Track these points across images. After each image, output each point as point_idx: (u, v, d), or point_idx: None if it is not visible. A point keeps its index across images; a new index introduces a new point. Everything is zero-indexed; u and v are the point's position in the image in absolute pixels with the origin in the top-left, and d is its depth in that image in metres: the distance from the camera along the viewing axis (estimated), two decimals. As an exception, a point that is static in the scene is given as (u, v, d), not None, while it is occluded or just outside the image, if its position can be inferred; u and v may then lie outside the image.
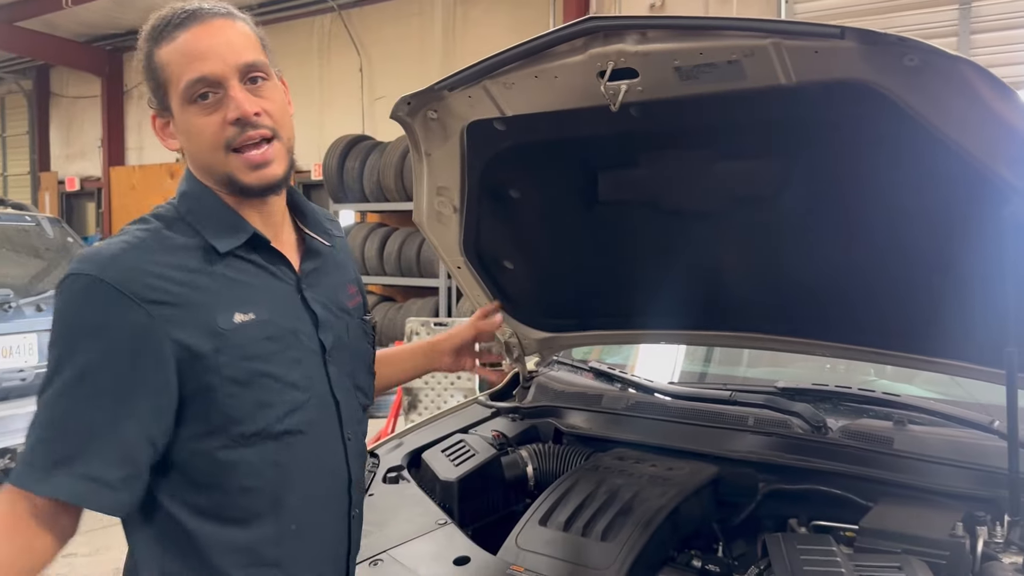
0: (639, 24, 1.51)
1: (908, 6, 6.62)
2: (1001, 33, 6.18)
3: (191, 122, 1.27)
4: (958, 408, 2.01)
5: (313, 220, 1.47)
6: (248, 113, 1.25)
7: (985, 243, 1.55)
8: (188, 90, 1.25)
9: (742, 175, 1.77)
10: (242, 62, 1.27)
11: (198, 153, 1.30)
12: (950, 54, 1.29)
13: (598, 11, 8.34)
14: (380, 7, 10.09)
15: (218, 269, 1.28)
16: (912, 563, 1.53)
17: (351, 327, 1.47)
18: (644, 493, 1.88)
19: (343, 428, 1.40)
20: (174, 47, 1.26)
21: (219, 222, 1.31)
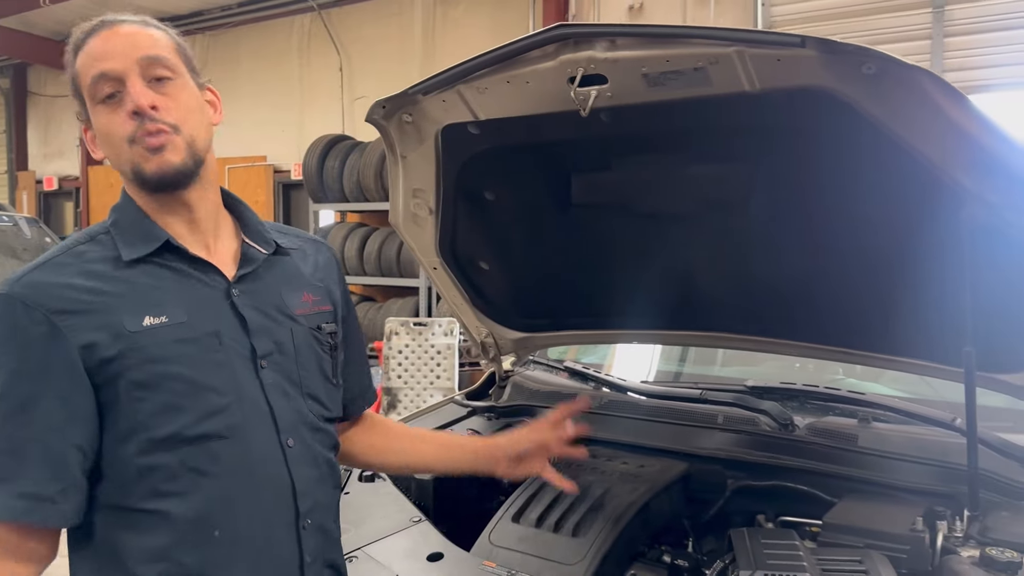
0: (608, 32, 1.55)
1: (882, 9, 6.69)
2: (974, 36, 6.27)
3: (100, 122, 1.30)
4: (921, 406, 2.06)
5: (253, 228, 1.45)
6: (143, 106, 1.25)
7: (943, 245, 1.60)
8: (92, 89, 1.28)
9: (712, 179, 1.81)
10: (142, 56, 1.28)
11: (111, 153, 1.32)
12: (907, 63, 1.33)
13: (577, 14, 8.38)
14: (360, 7, 10.08)
15: (130, 275, 1.29)
16: (873, 557, 1.58)
17: (296, 333, 1.42)
18: (615, 490, 1.92)
19: (280, 435, 1.35)
20: (85, 52, 1.30)
21: (135, 231, 1.33)
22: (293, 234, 1.57)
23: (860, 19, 6.76)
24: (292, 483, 1.36)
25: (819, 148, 1.63)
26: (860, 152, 1.57)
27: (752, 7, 7.25)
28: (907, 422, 2.04)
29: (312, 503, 1.39)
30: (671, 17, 7.66)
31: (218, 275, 1.36)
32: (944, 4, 6.44)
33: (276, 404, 1.35)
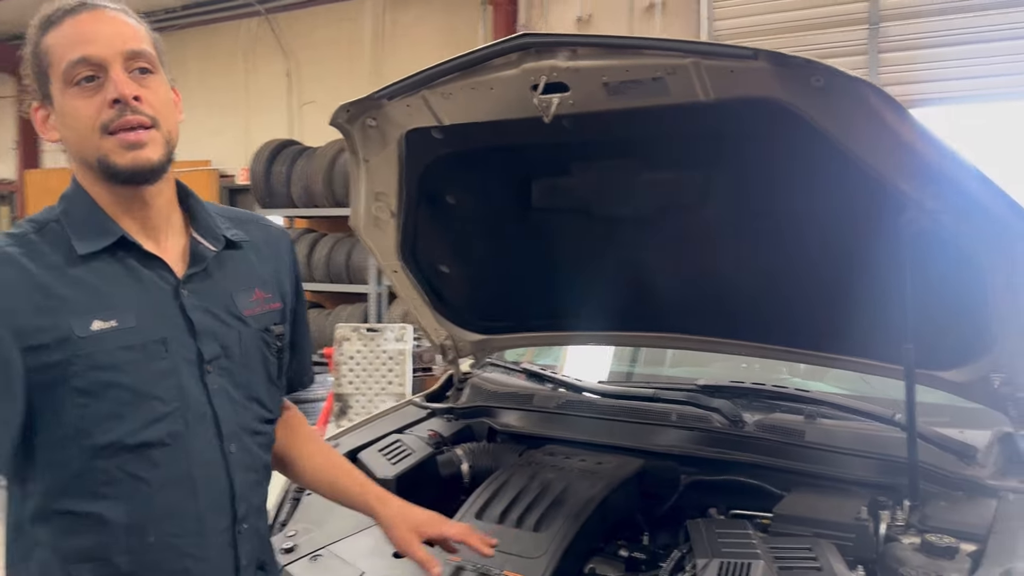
0: (569, 42, 1.61)
1: (821, 25, 6.91)
2: (908, 52, 6.51)
3: (69, 105, 1.25)
4: (863, 403, 2.16)
5: (203, 223, 1.41)
6: (127, 95, 1.23)
7: (885, 248, 1.70)
8: (69, 71, 1.23)
9: (669, 184, 1.88)
10: (127, 48, 1.25)
11: (75, 139, 1.27)
12: (852, 76, 1.42)
13: (526, 23, 8.48)
14: (308, 12, 10.03)
15: (81, 273, 1.25)
16: (822, 545, 1.66)
17: (244, 336, 1.39)
18: (574, 486, 1.98)
19: (223, 441, 1.34)
20: (60, 31, 1.25)
21: (88, 224, 1.29)
22: (246, 220, 1.52)
23: (799, 34, 6.97)
24: (232, 488, 1.35)
25: (769, 155, 1.71)
26: (808, 160, 1.66)
27: (696, 21, 7.42)
28: (850, 418, 2.13)
29: (247, 507, 1.39)
30: (618, 29, 7.80)
31: (169, 273, 1.33)
32: (880, 21, 6.68)
33: (220, 410, 1.34)
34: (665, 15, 7.63)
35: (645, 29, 7.69)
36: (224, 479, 1.35)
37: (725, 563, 1.57)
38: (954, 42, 6.38)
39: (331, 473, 1.66)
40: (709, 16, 7.35)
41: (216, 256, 1.39)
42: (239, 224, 1.49)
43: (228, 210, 1.52)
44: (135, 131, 1.24)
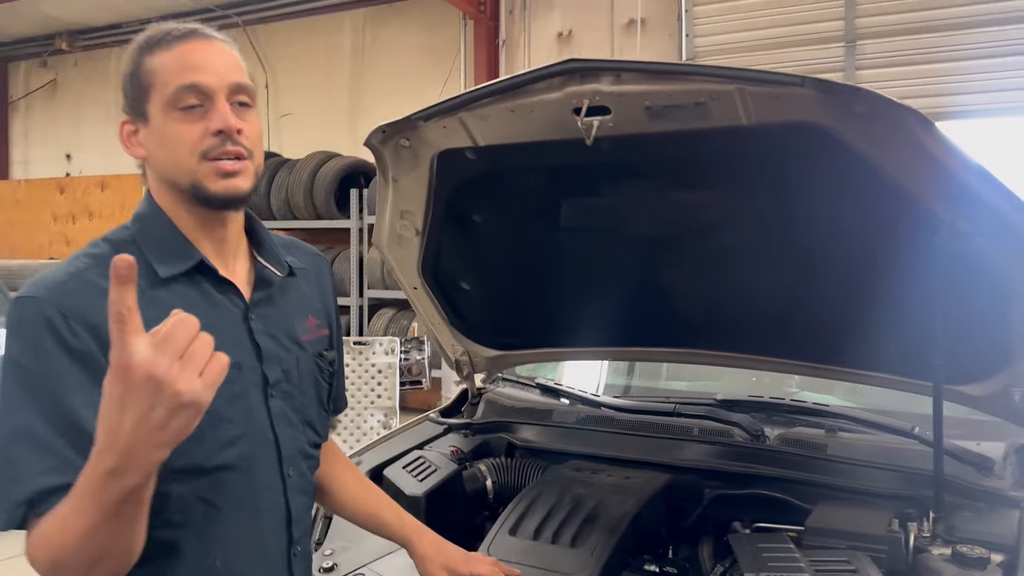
0: (615, 67, 1.64)
1: (799, 43, 7.05)
2: (884, 70, 6.68)
3: (171, 128, 1.27)
4: (882, 416, 2.21)
5: (269, 249, 1.44)
6: (232, 127, 1.26)
7: (917, 268, 1.75)
8: (176, 96, 1.25)
9: (698, 204, 1.92)
10: (234, 81, 1.29)
11: (169, 160, 1.29)
12: (897, 103, 1.46)
13: (507, 38, 8.54)
14: (287, 24, 10.01)
15: (160, 296, 1.26)
16: (860, 557, 1.70)
17: (301, 361, 1.43)
18: (607, 501, 2.00)
19: (283, 465, 1.37)
20: (170, 55, 1.27)
21: (167, 246, 1.31)
22: (298, 250, 1.56)
23: (777, 51, 7.11)
24: (288, 512, 1.39)
25: (804, 177, 1.76)
26: (843, 181, 1.71)
27: (677, 38, 7.53)
28: (870, 431, 2.19)
29: (302, 530, 1.43)
30: (599, 45, 7.89)
31: (239, 297, 1.36)
32: (856, 39, 6.84)
33: (281, 434, 1.37)
34: (646, 32, 7.73)
35: (626, 45, 7.79)
36: (283, 503, 1.38)
37: (771, 576, 1.60)
38: (929, 60, 6.56)
39: (369, 503, 1.71)
40: (689, 33, 7.46)
41: (280, 282, 1.43)
42: (290, 251, 1.52)
43: (280, 237, 1.55)
44: (232, 161, 1.28)
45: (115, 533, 1.03)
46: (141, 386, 0.92)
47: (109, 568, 1.08)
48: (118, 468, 0.96)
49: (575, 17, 8.14)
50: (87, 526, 1.01)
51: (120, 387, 0.92)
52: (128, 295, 0.92)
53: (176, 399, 0.92)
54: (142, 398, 0.92)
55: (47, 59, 12.23)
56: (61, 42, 11.67)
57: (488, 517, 2.29)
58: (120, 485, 0.97)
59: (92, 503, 0.99)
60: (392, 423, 5.84)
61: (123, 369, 0.92)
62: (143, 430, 0.93)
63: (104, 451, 0.96)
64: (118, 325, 0.91)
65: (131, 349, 0.91)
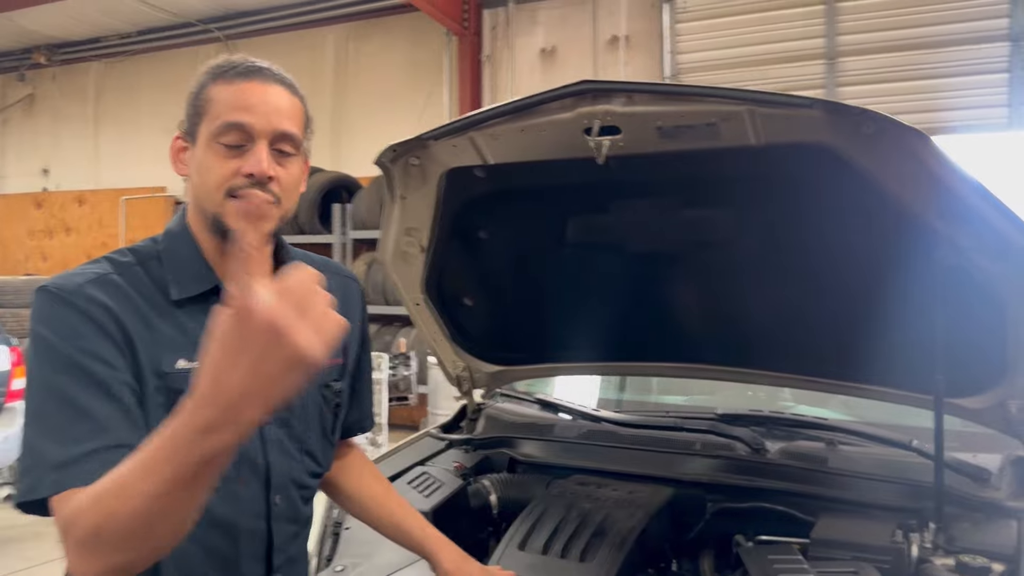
0: (627, 88, 1.67)
1: (780, 60, 7.18)
2: (864, 87, 6.81)
3: (209, 158, 1.30)
4: (880, 429, 2.25)
5: None
6: (264, 173, 1.28)
7: (917, 284, 1.79)
8: (221, 130, 1.28)
9: (705, 222, 1.96)
10: (280, 129, 1.30)
11: (200, 188, 1.32)
12: (903, 124, 1.51)
13: (490, 53, 8.61)
14: (270, 39, 10.02)
15: (176, 313, 1.30)
16: (865, 567, 1.73)
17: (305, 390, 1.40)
18: (614, 515, 2.02)
19: (270, 492, 1.36)
20: (230, 89, 1.29)
21: (187, 268, 1.33)
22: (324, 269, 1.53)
23: (759, 68, 7.24)
24: (270, 539, 1.38)
25: (811, 195, 1.80)
26: (847, 199, 1.75)
27: (659, 55, 7.63)
28: (868, 444, 2.22)
29: (285, 558, 1.41)
30: (582, 61, 7.98)
31: None
32: (836, 56, 6.97)
33: (273, 461, 1.36)
34: (629, 48, 7.82)
35: (609, 61, 7.87)
36: (264, 529, 1.37)
37: (783, 587, 1.63)
38: (908, 77, 6.69)
39: (396, 512, 1.72)
40: (672, 50, 7.56)
41: None
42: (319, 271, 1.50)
43: (309, 256, 1.54)
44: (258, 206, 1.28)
45: (182, 500, 0.94)
46: (260, 334, 0.84)
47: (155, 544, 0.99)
48: (214, 423, 0.88)
49: (558, 34, 8.23)
50: (156, 488, 0.92)
51: (236, 333, 0.85)
52: (256, 233, 0.89)
53: (295, 352, 0.85)
54: (258, 347, 0.84)
55: (25, 73, 12.15)
56: (39, 56, 11.61)
57: (492, 533, 2.30)
58: (213, 442, 0.88)
59: (171, 462, 0.91)
60: (379, 439, 5.83)
61: (245, 312, 0.84)
62: (254, 382, 0.86)
63: (203, 404, 0.88)
64: (244, 264, 0.86)
65: (254, 292, 0.84)
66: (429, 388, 6.95)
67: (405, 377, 6.13)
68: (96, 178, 11.54)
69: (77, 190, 11.74)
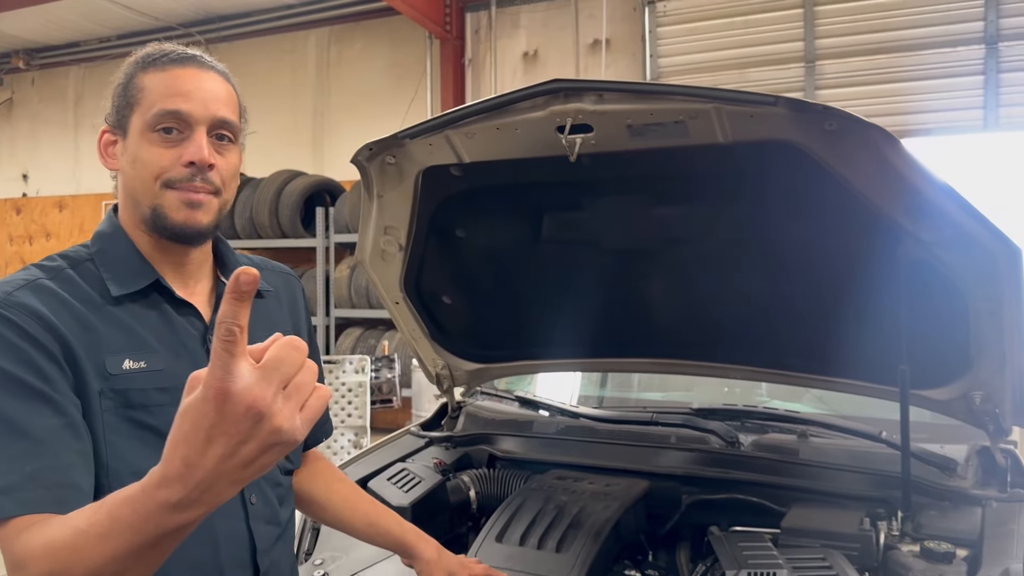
0: (597, 87, 1.71)
1: (760, 63, 7.25)
2: (842, 89, 6.89)
3: (145, 149, 1.26)
4: (850, 422, 2.30)
5: (232, 269, 1.39)
6: (205, 160, 1.25)
7: (883, 278, 1.84)
8: (157, 118, 1.24)
9: (676, 218, 2.00)
10: (219, 116, 1.28)
11: (135, 181, 1.28)
12: (864, 121, 1.55)
13: (472, 56, 8.64)
14: (250, 43, 10.00)
15: (116, 313, 1.25)
16: (833, 554, 1.77)
17: None
18: (589, 507, 2.06)
19: (244, 491, 1.33)
20: (162, 76, 1.26)
21: (123, 266, 1.29)
22: (268, 270, 1.55)
23: (739, 71, 7.31)
24: (252, 541, 1.35)
25: (777, 191, 1.85)
26: (813, 195, 1.79)
27: (641, 58, 7.69)
28: (839, 436, 2.27)
29: (270, 563, 1.38)
30: (564, 64, 8.03)
31: (198, 319, 1.33)
32: (815, 59, 7.05)
33: None
34: (610, 51, 7.88)
35: (591, 64, 7.93)
36: (245, 531, 1.34)
37: (753, 573, 1.67)
38: (886, 80, 6.78)
39: (369, 512, 1.71)
40: (653, 53, 7.62)
41: None
42: (263, 273, 1.50)
43: (249, 257, 1.53)
44: (198, 193, 1.27)
45: (142, 562, 0.92)
46: (239, 417, 0.79)
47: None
48: (184, 501, 0.84)
49: (540, 37, 8.28)
50: (115, 552, 0.89)
51: (212, 416, 0.79)
52: (242, 313, 0.79)
53: (275, 436, 0.80)
54: (236, 430, 0.79)
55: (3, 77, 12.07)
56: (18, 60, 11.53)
57: (472, 527, 2.33)
58: (179, 519, 0.85)
59: (133, 530, 0.88)
60: (363, 442, 5.84)
61: (221, 395, 0.78)
62: (228, 465, 0.81)
63: (172, 482, 0.83)
64: (225, 344, 0.77)
65: (235, 373, 0.78)
66: (413, 391, 6.97)
67: (389, 380, 6.15)
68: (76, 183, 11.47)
69: (57, 195, 11.67)
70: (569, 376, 3.23)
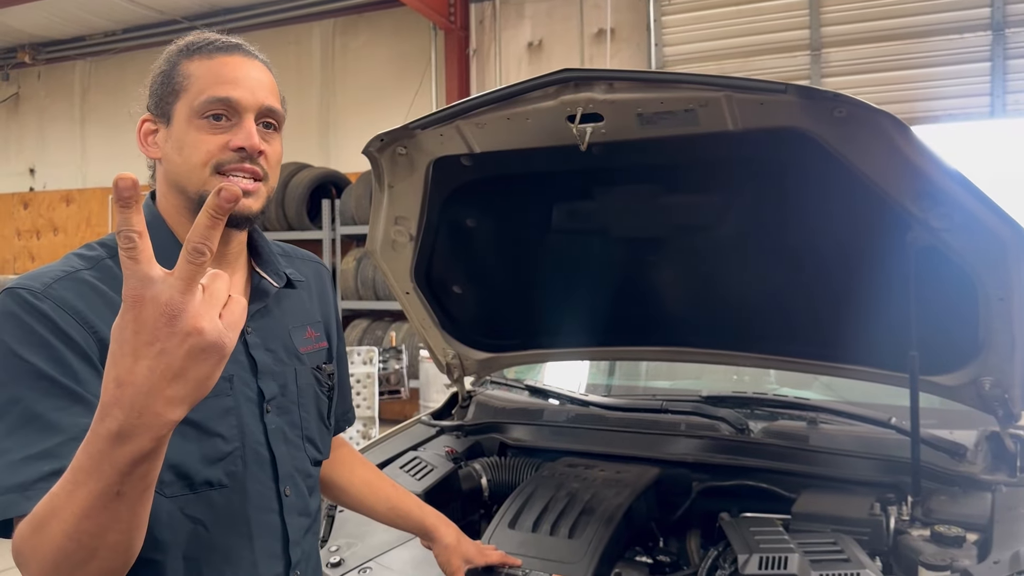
0: (608, 76, 1.72)
1: (765, 51, 7.23)
2: (849, 77, 6.87)
3: (192, 135, 1.25)
4: (860, 408, 2.31)
5: (266, 259, 1.39)
6: (255, 147, 1.24)
7: (892, 264, 1.85)
8: (205, 105, 1.24)
9: (687, 206, 2.01)
10: (266, 104, 1.27)
11: (182, 167, 1.26)
12: (873, 107, 1.56)
13: (477, 47, 8.63)
14: (255, 35, 9.96)
15: None
16: (844, 539, 1.79)
17: (300, 375, 1.39)
18: (601, 494, 2.07)
19: (279, 483, 1.32)
20: (209, 64, 1.26)
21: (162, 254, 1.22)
22: (297, 258, 1.55)
23: (744, 60, 7.29)
24: (285, 533, 1.34)
25: (786, 179, 1.85)
26: (822, 182, 1.80)
27: (646, 47, 7.68)
28: (849, 423, 2.29)
29: (301, 554, 1.37)
30: (569, 54, 8.02)
31: None
32: (821, 47, 7.03)
33: (278, 451, 1.32)
34: (615, 41, 7.86)
35: (596, 54, 7.92)
36: (279, 523, 1.33)
37: (764, 557, 1.68)
38: (892, 67, 6.76)
39: (391, 495, 1.73)
40: (657, 42, 7.61)
41: (276, 293, 1.39)
42: (291, 260, 1.50)
43: (279, 245, 1.52)
44: (247, 179, 1.25)
45: (113, 519, 0.87)
46: (156, 321, 0.79)
47: (103, 568, 0.92)
48: (125, 428, 0.81)
49: (545, 27, 8.26)
50: (82, 506, 0.86)
51: (132, 325, 0.79)
52: (135, 218, 0.79)
53: (198, 338, 0.80)
54: (157, 336, 0.79)
55: (9, 72, 12.09)
56: (24, 55, 11.55)
57: (484, 515, 2.35)
58: (126, 452, 0.82)
59: (90, 476, 0.84)
60: (372, 433, 5.86)
61: (135, 301, 0.78)
62: (157, 377, 0.80)
63: (110, 407, 0.81)
64: (128, 252, 0.78)
65: (143, 278, 0.79)
66: (420, 382, 6.98)
67: (396, 371, 6.15)
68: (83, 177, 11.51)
69: (64, 189, 11.70)
70: (577, 365, 3.24)
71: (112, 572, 0.94)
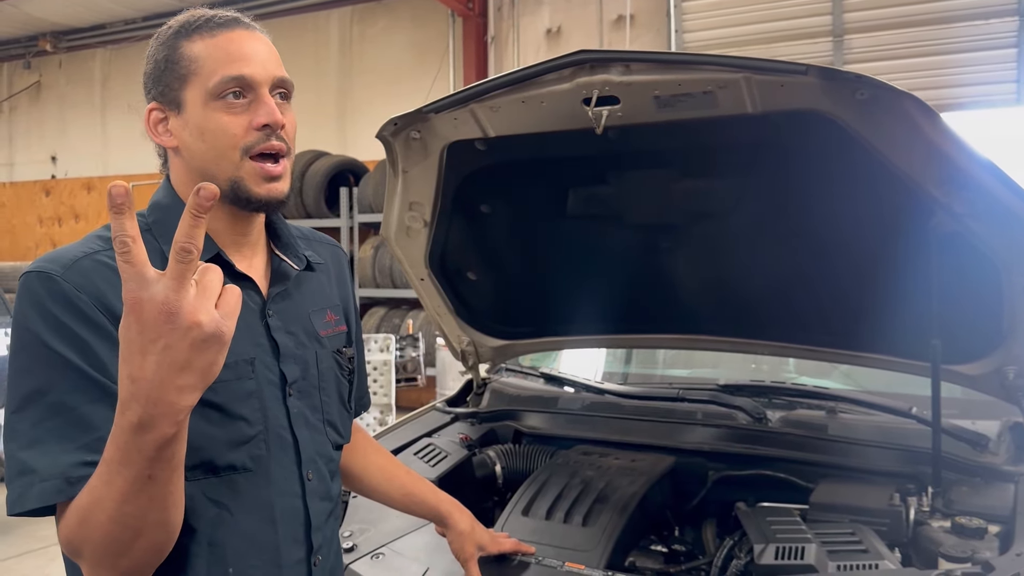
0: (624, 58, 1.69)
1: (786, 37, 7.14)
2: (871, 64, 6.77)
3: (212, 118, 1.21)
4: (880, 397, 2.28)
5: (286, 242, 1.37)
6: (279, 121, 1.21)
7: (914, 250, 1.81)
8: (220, 86, 1.20)
9: (703, 192, 1.98)
10: (278, 75, 1.24)
11: (208, 153, 1.22)
12: (897, 89, 1.53)
13: (495, 34, 8.59)
14: (274, 23, 10.00)
15: None
16: (862, 529, 1.76)
17: (321, 358, 1.37)
18: (615, 482, 2.05)
19: (302, 468, 1.31)
20: (213, 43, 1.22)
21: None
22: (315, 240, 1.52)
23: (765, 46, 7.20)
24: (308, 518, 1.32)
25: (806, 162, 1.82)
26: (843, 166, 1.77)
27: (666, 33, 7.61)
28: (868, 412, 2.25)
29: (323, 539, 1.36)
30: (588, 41, 7.96)
31: (256, 293, 1.30)
32: (843, 33, 6.93)
33: (300, 435, 1.31)
34: (634, 27, 7.80)
35: (615, 41, 7.85)
36: (301, 508, 1.32)
37: (781, 547, 1.66)
38: (915, 54, 6.66)
39: (405, 481, 1.71)
40: (677, 28, 7.53)
41: (296, 276, 1.37)
42: (310, 244, 1.48)
43: (298, 228, 1.50)
44: (277, 161, 1.23)
45: (150, 500, 0.96)
46: (157, 320, 0.85)
47: (150, 544, 1.00)
48: (144, 419, 0.88)
49: (564, 13, 8.20)
50: (120, 493, 0.94)
51: (136, 326, 0.86)
52: (128, 224, 0.84)
53: (197, 330, 0.86)
54: (159, 334, 0.85)
55: (31, 60, 12.18)
56: (45, 43, 11.63)
57: (497, 502, 2.34)
58: (149, 440, 0.90)
59: (122, 465, 0.92)
60: (388, 420, 5.87)
61: (135, 303, 0.85)
62: (165, 370, 0.86)
63: (128, 402, 0.89)
64: (123, 256, 0.84)
65: (140, 281, 0.85)
66: (437, 370, 6.99)
67: (413, 358, 6.16)
68: (104, 164, 11.59)
69: (85, 177, 11.79)
70: (593, 353, 3.21)
71: (159, 545, 1.03)
